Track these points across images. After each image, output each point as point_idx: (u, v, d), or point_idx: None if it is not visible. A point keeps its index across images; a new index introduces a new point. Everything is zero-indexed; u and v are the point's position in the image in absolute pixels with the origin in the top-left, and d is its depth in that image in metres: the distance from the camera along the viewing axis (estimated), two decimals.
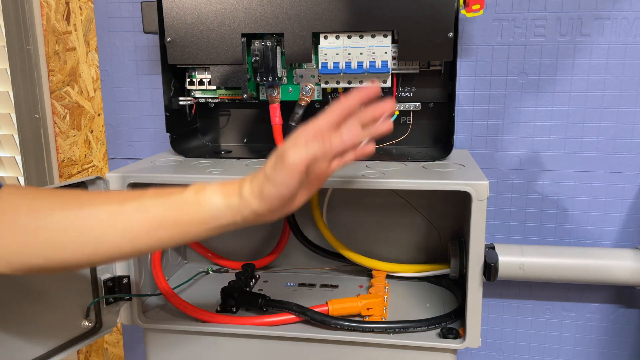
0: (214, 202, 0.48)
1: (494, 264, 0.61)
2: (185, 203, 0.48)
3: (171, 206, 0.48)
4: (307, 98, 0.78)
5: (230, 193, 0.48)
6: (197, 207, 0.48)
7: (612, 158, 0.83)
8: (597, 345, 0.90)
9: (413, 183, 0.63)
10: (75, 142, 1.02)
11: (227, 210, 0.48)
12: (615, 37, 0.80)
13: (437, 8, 0.68)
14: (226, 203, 0.48)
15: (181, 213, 0.48)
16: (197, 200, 0.48)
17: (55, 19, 0.97)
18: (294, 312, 0.69)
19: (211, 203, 0.48)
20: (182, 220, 0.48)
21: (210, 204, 0.48)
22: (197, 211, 0.48)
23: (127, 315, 0.72)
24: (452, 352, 0.67)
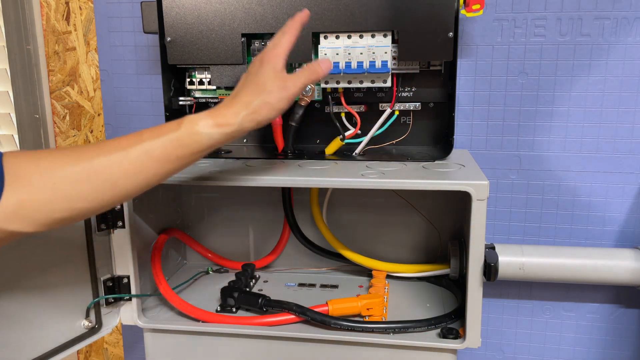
0: (211, 134, 0.54)
1: (494, 264, 0.61)
2: (184, 138, 0.53)
3: (172, 144, 0.53)
4: (307, 98, 0.78)
5: (224, 123, 0.55)
6: (196, 140, 0.54)
7: (612, 158, 0.83)
8: (597, 345, 0.90)
9: (413, 183, 0.63)
10: (75, 142, 1.02)
11: (222, 138, 0.55)
12: (615, 37, 0.80)
13: (437, 8, 0.68)
14: (222, 132, 0.54)
15: (182, 148, 0.53)
16: (195, 133, 0.54)
17: (55, 19, 0.97)
18: (294, 312, 0.69)
19: (208, 135, 0.54)
20: (183, 154, 0.54)
21: (207, 136, 0.54)
22: (196, 144, 0.54)
23: (127, 315, 0.72)
24: (452, 352, 0.67)
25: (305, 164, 0.73)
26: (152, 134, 0.53)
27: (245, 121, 0.55)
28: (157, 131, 0.53)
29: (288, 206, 0.83)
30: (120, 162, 0.51)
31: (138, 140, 0.52)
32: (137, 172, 0.52)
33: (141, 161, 0.52)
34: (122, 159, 0.51)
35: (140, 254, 0.74)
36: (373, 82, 0.74)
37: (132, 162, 0.52)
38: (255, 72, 0.58)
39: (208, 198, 0.90)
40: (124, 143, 0.52)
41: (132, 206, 0.70)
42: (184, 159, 0.54)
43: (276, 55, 0.58)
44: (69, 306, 0.68)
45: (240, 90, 0.57)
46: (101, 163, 0.50)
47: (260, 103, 0.56)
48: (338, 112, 0.80)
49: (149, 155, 0.52)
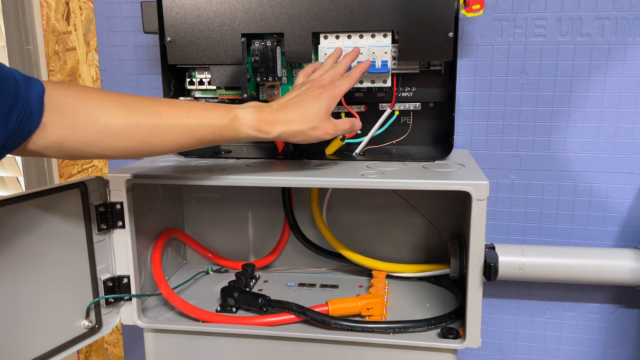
0: (248, 134, 0.60)
1: (494, 264, 0.61)
2: (225, 129, 0.59)
3: (213, 130, 0.58)
4: None
5: (264, 130, 0.60)
6: (234, 134, 0.59)
7: (612, 158, 0.83)
8: (597, 345, 0.90)
9: (413, 183, 0.63)
10: None
11: (256, 139, 0.61)
12: (615, 37, 0.80)
13: (437, 8, 0.69)
14: (258, 136, 0.60)
15: (220, 135, 0.59)
16: (236, 129, 0.59)
17: (55, 19, 0.97)
18: (294, 312, 0.69)
19: (246, 134, 0.60)
20: (218, 140, 0.59)
21: (245, 134, 0.60)
22: (232, 136, 0.59)
23: (127, 315, 0.72)
24: (452, 352, 0.67)
25: (305, 164, 0.73)
26: (200, 114, 0.57)
27: (281, 136, 0.61)
28: (205, 113, 0.58)
29: (288, 206, 0.83)
30: (163, 130, 0.55)
31: (186, 115, 0.57)
32: (174, 141, 0.57)
33: (181, 134, 0.56)
34: (166, 127, 0.55)
35: (140, 254, 0.74)
36: (373, 82, 0.74)
37: (173, 133, 0.56)
38: (312, 99, 0.62)
39: (208, 198, 0.90)
40: (173, 112, 0.56)
41: (132, 206, 0.70)
42: (216, 142, 0.60)
43: (336, 96, 0.63)
44: (69, 306, 0.68)
45: (289, 105, 0.61)
46: (146, 125, 0.54)
47: (301, 130, 0.61)
48: (338, 112, 0.80)
49: (190, 132, 0.57)
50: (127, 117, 0.54)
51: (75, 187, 0.67)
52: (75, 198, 0.67)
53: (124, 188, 0.68)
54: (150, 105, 0.56)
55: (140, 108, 0.55)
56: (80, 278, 0.68)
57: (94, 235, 0.69)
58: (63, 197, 0.65)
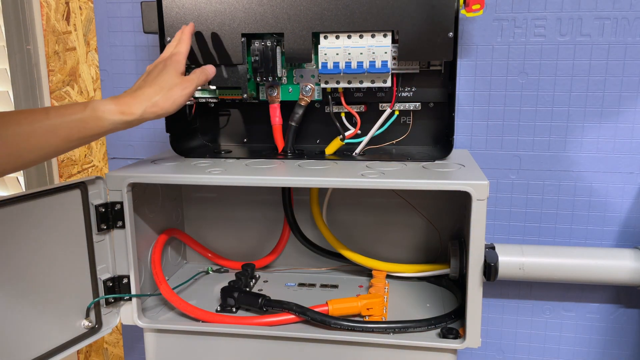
0: (113, 119, 0.59)
1: (494, 264, 0.61)
2: (88, 121, 0.58)
3: (76, 125, 0.58)
4: (307, 98, 0.78)
5: (128, 112, 0.60)
6: (99, 124, 0.59)
7: (612, 158, 0.83)
8: (597, 345, 0.90)
9: (413, 183, 0.63)
10: None
11: (123, 125, 0.61)
12: (615, 37, 0.80)
13: (437, 8, 0.68)
14: (123, 120, 0.60)
15: (85, 130, 0.58)
16: (98, 118, 0.59)
17: (55, 19, 0.97)
18: (294, 312, 0.69)
19: (110, 120, 0.59)
20: (85, 135, 0.59)
21: (109, 121, 0.59)
22: (98, 127, 0.59)
23: (127, 315, 0.72)
24: (452, 352, 0.67)
25: (305, 164, 0.73)
26: (58, 113, 0.57)
27: (147, 112, 0.61)
28: (63, 111, 0.58)
29: (288, 206, 0.83)
30: (27, 136, 0.55)
31: (45, 118, 0.57)
32: (40, 146, 0.56)
33: (46, 138, 0.56)
34: (29, 133, 0.55)
35: (140, 254, 0.74)
36: (373, 82, 0.74)
37: (37, 138, 0.56)
38: (159, 72, 0.64)
39: (208, 198, 0.90)
40: (30, 118, 0.56)
41: (132, 206, 0.70)
42: (84, 140, 0.59)
43: (178, 60, 0.66)
44: (69, 306, 0.68)
45: (143, 85, 0.63)
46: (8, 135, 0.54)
47: (162, 98, 0.62)
48: (338, 112, 0.80)
49: (54, 133, 0.57)
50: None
51: (75, 187, 0.67)
52: (75, 198, 0.67)
53: (124, 188, 0.68)
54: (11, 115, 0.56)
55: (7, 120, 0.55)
56: (80, 278, 0.68)
57: (94, 235, 0.69)
58: (63, 197, 0.65)
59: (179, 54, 0.67)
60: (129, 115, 0.60)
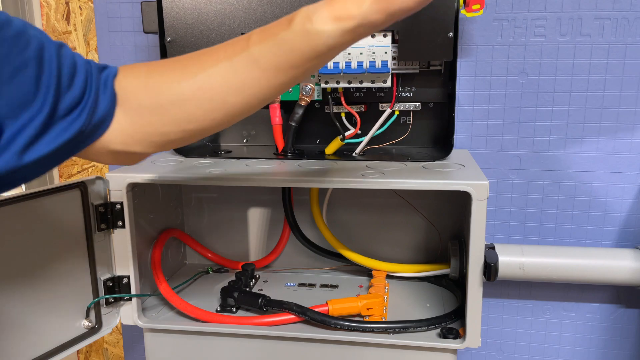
0: (328, 32, 0.43)
1: (494, 264, 0.61)
2: (295, 41, 0.44)
3: (281, 49, 0.44)
4: (307, 98, 0.78)
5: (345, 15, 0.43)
6: (310, 42, 0.44)
7: (612, 158, 0.83)
8: (597, 345, 0.90)
9: (413, 183, 0.63)
10: None
11: (343, 35, 0.43)
12: (615, 37, 0.80)
13: (437, 8, 0.68)
14: (342, 28, 0.43)
15: (294, 53, 0.44)
16: (307, 32, 0.43)
17: (55, 19, 0.97)
18: (294, 312, 0.69)
19: (325, 33, 0.43)
20: (296, 61, 0.45)
21: (324, 35, 0.43)
22: (310, 47, 0.44)
23: (127, 315, 0.72)
24: (452, 352, 0.67)
25: (305, 164, 0.73)
26: (258, 37, 0.45)
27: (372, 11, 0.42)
28: (264, 33, 0.45)
29: (288, 206, 0.83)
30: (225, 76, 0.45)
31: (244, 47, 0.45)
32: (245, 86, 0.45)
33: (248, 72, 0.45)
34: (227, 71, 0.45)
35: (140, 254, 0.74)
36: (373, 82, 0.74)
37: (239, 75, 0.45)
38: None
39: (208, 198, 0.90)
40: (229, 50, 0.46)
41: (132, 206, 0.70)
42: (297, 68, 0.45)
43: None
44: (69, 306, 0.68)
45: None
46: (205, 78, 0.45)
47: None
48: (338, 112, 0.80)
49: (256, 65, 0.45)
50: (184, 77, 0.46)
51: (75, 187, 0.67)
52: (75, 198, 0.67)
53: (124, 188, 0.68)
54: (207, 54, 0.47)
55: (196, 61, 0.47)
56: (80, 278, 0.68)
57: (94, 235, 0.69)
58: (63, 197, 0.65)
59: None
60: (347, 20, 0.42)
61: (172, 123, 0.46)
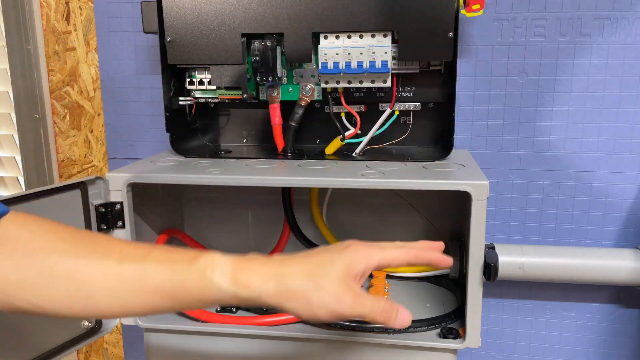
0: (222, 287, 0.43)
1: (494, 264, 0.61)
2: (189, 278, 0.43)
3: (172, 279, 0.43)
4: (307, 98, 0.78)
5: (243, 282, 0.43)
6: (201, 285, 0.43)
7: (612, 158, 0.83)
8: (597, 345, 0.90)
9: (413, 183, 0.63)
10: (75, 142, 1.02)
11: (232, 299, 0.44)
12: (615, 37, 0.80)
13: (437, 8, 0.68)
14: (234, 292, 0.43)
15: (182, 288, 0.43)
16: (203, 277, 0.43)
17: (55, 19, 0.97)
18: None
19: (218, 286, 0.43)
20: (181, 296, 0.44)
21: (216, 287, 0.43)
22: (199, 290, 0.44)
23: None
24: (452, 352, 0.66)
25: (305, 164, 0.73)
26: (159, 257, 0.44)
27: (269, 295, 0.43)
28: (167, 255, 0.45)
29: (288, 206, 0.83)
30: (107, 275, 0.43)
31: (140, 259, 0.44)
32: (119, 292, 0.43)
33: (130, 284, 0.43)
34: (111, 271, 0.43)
35: None
36: (373, 82, 0.74)
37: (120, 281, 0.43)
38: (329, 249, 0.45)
39: (208, 198, 0.90)
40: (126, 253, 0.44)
41: (132, 206, 0.70)
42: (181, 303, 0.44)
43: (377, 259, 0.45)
44: None
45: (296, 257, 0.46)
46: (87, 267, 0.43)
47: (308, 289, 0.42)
48: (338, 112, 0.80)
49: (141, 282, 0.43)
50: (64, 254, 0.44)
51: (75, 187, 0.67)
52: (75, 198, 0.67)
53: (124, 188, 0.68)
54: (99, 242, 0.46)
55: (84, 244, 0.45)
56: None
57: None
58: (63, 197, 0.65)
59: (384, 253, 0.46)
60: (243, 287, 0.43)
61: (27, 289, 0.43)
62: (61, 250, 0.44)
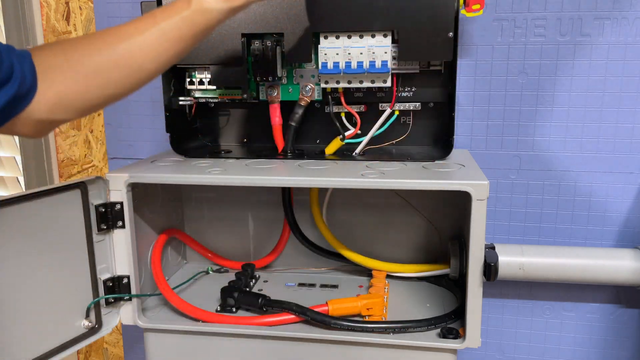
0: (220, 8, 0.56)
1: (494, 264, 0.61)
2: (195, 17, 0.56)
3: (184, 23, 0.56)
4: (307, 98, 0.78)
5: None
6: (206, 17, 0.56)
7: (612, 158, 0.83)
8: (597, 345, 0.90)
9: (413, 183, 0.63)
10: (75, 142, 1.02)
11: (230, 12, 0.57)
12: (615, 37, 0.80)
13: (437, 8, 0.68)
14: (229, 6, 0.57)
15: (194, 26, 0.56)
16: (204, 10, 0.56)
17: (55, 19, 0.97)
18: (294, 312, 0.69)
19: (218, 10, 0.56)
20: (195, 32, 0.57)
21: (217, 11, 0.56)
22: (207, 21, 0.56)
23: (127, 315, 0.72)
24: (452, 352, 0.67)
25: (305, 164, 0.73)
26: (164, 15, 0.56)
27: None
28: (168, 11, 0.56)
29: (288, 206, 0.83)
30: (141, 46, 0.54)
31: (153, 23, 0.55)
32: (157, 54, 0.55)
33: (159, 43, 0.55)
34: (142, 43, 0.54)
35: (140, 254, 0.74)
36: (373, 82, 0.74)
37: (152, 45, 0.55)
38: None
39: (208, 198, 0.90)
40: (141, 27, 0.55)
41: (132, 206, 0.70)
42: (196, 37, 0.57)
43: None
44: (69, 306, 0.68)
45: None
46: (124, 49, 0.54)
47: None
48: (338, 112, 0.80)
49: (165, 37, 0.55)
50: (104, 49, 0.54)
51: (75, 187, 0.67)
52: (75, 198, 0.67)
53: (124, 188, 0.68)
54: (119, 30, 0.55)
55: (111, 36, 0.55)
56: (80, 278, 0.68)
57: (94, 235, 0.69)
58: (63, 197, 0.65)
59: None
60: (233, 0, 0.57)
61: (94, 89, 0.53)
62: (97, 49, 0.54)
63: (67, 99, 0.52)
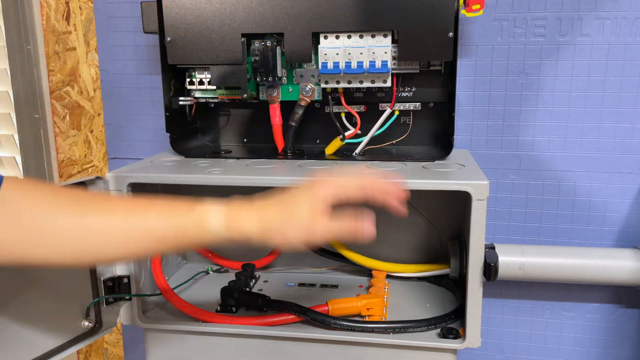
0: (217, 232, 0.50)
1: (494, 264, 0.61)
2: (189, 229, 0.50)
3: (175, 230, 0.49)
4: (307, 98, 0.78)
5: (235, 227, 0.50)
6: (201, 234, 0.50)
7: (612, 158, 0.83)
8: (597, 345, 0.90)
9: (413, 183, 0.63)
10: (75, 142, 1.02)
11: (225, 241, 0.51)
12: (615, 37, 0.80)
13: (437, 8, 0.68)
14: (228, 234, 0.50)
15: (183, 235, 0.50)
16: (202, 227, 0.50)
17: (55, 19, 0.97)
18: (294, 312, 0.69)
19: (214, 232, 0.50)
20: (182, 242, 0.50)
21: (213, 233, 0.50)
22: (200, 238, 0.51)
23: (127, 315, 0.72)
24: (452, 352, 0.67)
25: (305, 164, 0.73)
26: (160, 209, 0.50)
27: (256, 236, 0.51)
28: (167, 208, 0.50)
29: None
30: (114, 228, 0.48)
31: (143, 211, 0.49)
32: (127, 243, 0.48)
33: (136, 235, 0.48)
34: (118, 225, 0.48)
35: None
36: (373, 82, 0.74)
37: (126, 233, 0.48)
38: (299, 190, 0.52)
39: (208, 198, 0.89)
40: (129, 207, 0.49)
41: None
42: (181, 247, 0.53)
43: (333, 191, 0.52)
44: (69, 306, 0.68)
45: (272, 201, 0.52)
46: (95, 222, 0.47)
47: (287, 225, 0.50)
48: (338, 112, 0.80)
49: (146, 233, 0.49)
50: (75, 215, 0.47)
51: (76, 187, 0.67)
52: None
53: (124, 188, 0.68)
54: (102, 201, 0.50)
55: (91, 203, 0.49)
56: (80, 278, 0.68)
57: None
58: None
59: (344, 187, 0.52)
60: (236, 233, 0.50)
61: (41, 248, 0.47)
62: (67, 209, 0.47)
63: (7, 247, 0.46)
